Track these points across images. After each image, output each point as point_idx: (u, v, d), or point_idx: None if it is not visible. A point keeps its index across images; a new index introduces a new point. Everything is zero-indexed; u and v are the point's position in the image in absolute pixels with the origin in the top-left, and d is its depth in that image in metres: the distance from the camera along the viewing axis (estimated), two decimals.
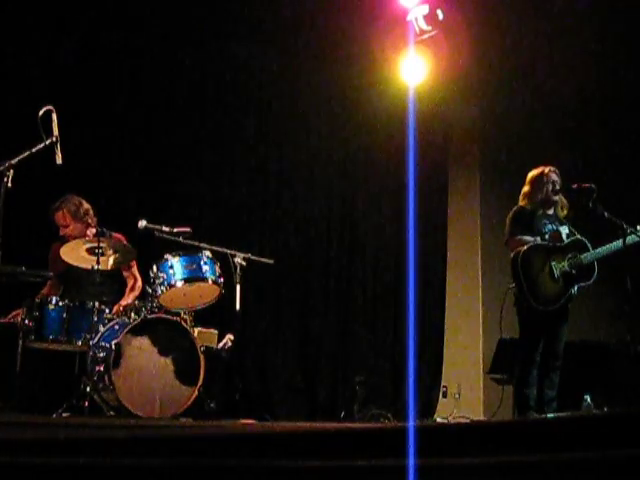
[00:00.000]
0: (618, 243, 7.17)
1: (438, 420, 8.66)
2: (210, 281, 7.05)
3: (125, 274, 7.61)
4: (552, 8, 9.20)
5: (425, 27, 8.60)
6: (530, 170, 7.44)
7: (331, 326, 9.31)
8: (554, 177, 7.32)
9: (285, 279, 9.15)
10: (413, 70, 8.78)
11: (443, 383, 9.37)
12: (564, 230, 7.30)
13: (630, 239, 7.15)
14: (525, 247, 7.09)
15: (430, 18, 8.58)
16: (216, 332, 7.52)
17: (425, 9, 8.57)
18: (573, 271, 7.14)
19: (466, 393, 9.21)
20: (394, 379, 9.24)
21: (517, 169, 7.96)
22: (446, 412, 8.96)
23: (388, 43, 8.76)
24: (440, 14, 8.57)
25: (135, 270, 7.62)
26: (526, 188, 7.38)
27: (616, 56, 9.36)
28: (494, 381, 8.55)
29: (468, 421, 7.77)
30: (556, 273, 7.11)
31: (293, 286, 9.27)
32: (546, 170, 7.35)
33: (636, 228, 7.24)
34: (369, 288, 9.57)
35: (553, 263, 7.12)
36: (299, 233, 9.40)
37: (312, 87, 9.50)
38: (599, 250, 7.22)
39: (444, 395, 9.30)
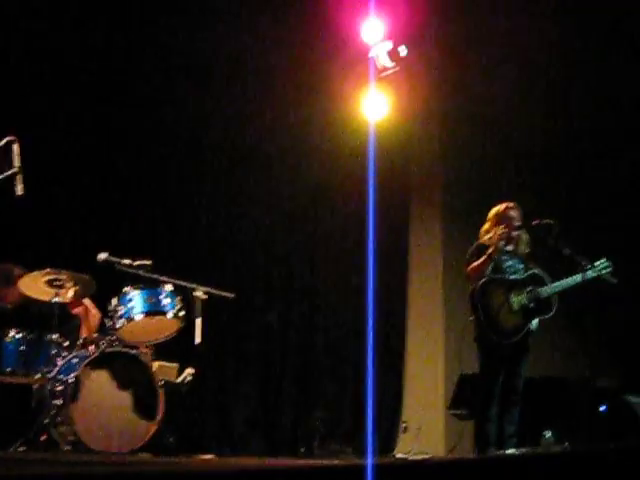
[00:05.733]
0: (576, 278, 7.19)
1: (398, 456, 8.58)
2: (170, 315, 7.02)
3: (75, 311, 7.46)
4: (513, 46, 9.28)
5: (387, 64, 8.57)
6: (492, 206, 7.41)
7: (292, 361, 9.25)
8: (514, 213, 7.31)
9: (246, 313, 9.05)
10: (374, 106, 8.74)
11: (404, 418, 9.30)
12: (521, 266, 7.28)
13: (588, 275, 7.15)
14: (484, 279, 7.12)
15: (392, 55, 8.56)
16: (176, 366, 7.41)
17: (387, 46, 8.56)
18: (531, 305, 7.15)
19: (427, 428, 9.11)
20: (354, 414, 9.13)
21: (479, 205, 7.93)
22: (407, 448, 8.85)
23: (350, 79, 8.76)
24: (402, 51, 8.58)
25: (87, 303, 7.50)
26: (486, 225, 7.38)
27: (578, 92, 9.45)
28: (455, 417, 8.53)
29: (428, 457, 7.78)
30: (514, 306, 7.12)
31: (254, 320, 9.19)
32: (505, 206, 7.34)
33: (594, 265, 7.22)
34: (330, 321, 9.53)
35: (511, 296, 7.14)
36: (261, 268, 9.36)
37: (273, 126, 9.42)
38: (557, 284, 7.23)
39: (405, 431, 9.20)
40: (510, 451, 6.73)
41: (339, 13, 8.58)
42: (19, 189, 6.10)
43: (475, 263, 7.18)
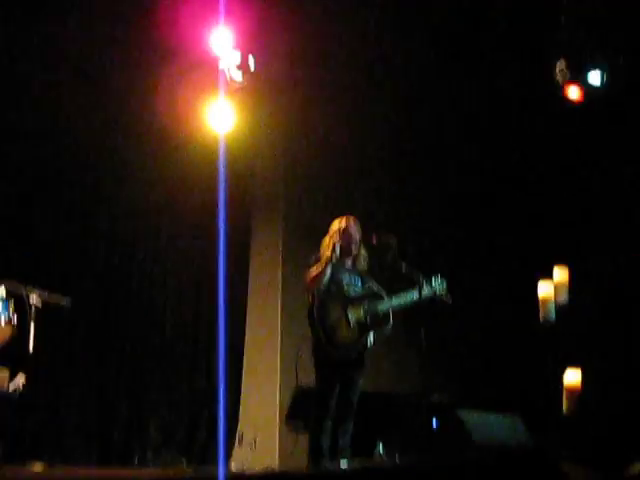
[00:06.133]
0: (412, 295, 7.36)
1: (232, 468, 8.29)
2: (1, 321, 6.84)
3: None
4: (361, 64, 9.44)
5: (237, 76, 8.43)
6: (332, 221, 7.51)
7: (128, 367, 8.98)
8: (353, 228, 7.40)
9: (83, 319, 8.72)
10: (223, 120, 8.53)
11: (239, 429, 9.20)
12: (359, 282, 7.40)
13: (423, 292, 7.35)
14: (322, 294, 7.19)
15: (242, 67, 8.44)
16: (7, 373, 7.13)
17: (237, 57, 8.42)
18: (368, 319, 7.26)
19: (262, 440, 9.13)
20: (190, 423, 9.06)
21: (321, 220, 7.93)
22: (241, 459, 8.78)
23: (200, 90, 8.56)
24: (252, 64, 8.49)
25: None
26: (326, 238, 7.44)
27: (424, 108, 9.64)
28: (290, 429, 8.52)
29: (263, 469, 7.54)
30: (351, 321, 7.22)
31: (91, 325, 8.85)
32: (344, 221, 7.42)
33: (431, 282, 7.43)
34: (168, 329, 9.31)
35: (349, 311, 7.23)
36: (100, 274, 9.00)
37: (117, 134, 9.10)
38: (394, 300, 7.37)
39: (241, 441, 9.12)
40: (343, 464, 6.81)
41: (188, 23, 8.36)
42: None
43: (312, 273, 7.26)
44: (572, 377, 7.58)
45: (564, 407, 7.55)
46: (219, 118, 8.53)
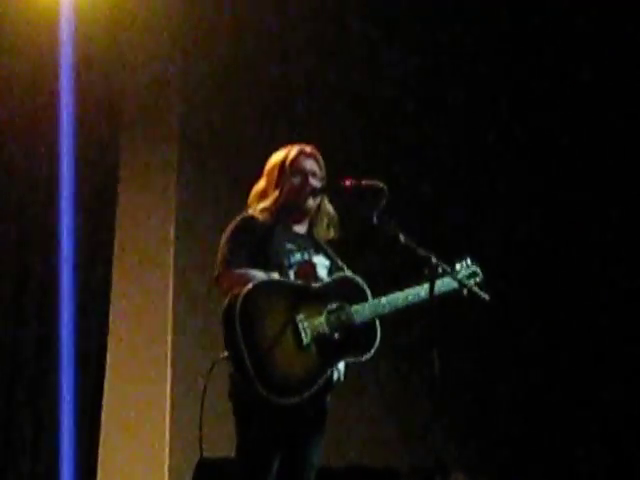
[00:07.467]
0: (418, 292, 5.74)
1: None
2: None
3: None
4: None
5: None
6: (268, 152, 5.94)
7: None
8: (310, 165, 5.84)
9: None
10: None
11: None
12: (323, 262, 5.86)
13: (443, 285, 5.78)
14: (250, 286, 5.38)
15: None
16: None
17: None
18: (336, 334, 5.55)
19: None
20: None
21: (244, 150, 7.29)
22: None
23: None
24: None
25: None
26: (261, 184, 5.86)
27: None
28: None
29: None
30: (305, 337, 5.49)
31: None
32: (294, 153, 5.87)
33: (454, 267, 5.91)
34: None
35: (300, 318, 5.50)
36: None
37: None
38: (386, 300, 5.69)
39: None
40: None
41: None
42: None
43: (236, 272, 5.62)
44: None
45: None
46: None
